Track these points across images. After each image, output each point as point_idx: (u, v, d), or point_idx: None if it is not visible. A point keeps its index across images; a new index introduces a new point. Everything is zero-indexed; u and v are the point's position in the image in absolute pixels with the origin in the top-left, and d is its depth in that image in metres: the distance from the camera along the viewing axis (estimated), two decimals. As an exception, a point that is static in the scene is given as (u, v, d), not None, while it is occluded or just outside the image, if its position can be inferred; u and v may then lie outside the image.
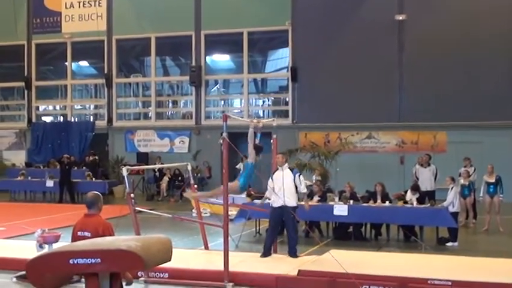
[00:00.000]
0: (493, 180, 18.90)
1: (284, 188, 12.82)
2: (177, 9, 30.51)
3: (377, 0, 27.84)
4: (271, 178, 13.22)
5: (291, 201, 12.92)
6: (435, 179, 20.59)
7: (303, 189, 13.33)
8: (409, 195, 17.25)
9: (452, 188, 16.88)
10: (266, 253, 12.86)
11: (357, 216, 16.59)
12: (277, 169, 13.26)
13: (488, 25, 26.37)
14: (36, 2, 33.07)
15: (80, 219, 7.84)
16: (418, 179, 20.36)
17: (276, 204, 12.97)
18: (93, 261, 6.40)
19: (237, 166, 27.18)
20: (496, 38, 26.23)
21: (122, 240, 6.80)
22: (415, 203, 16.74)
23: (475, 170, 20.32)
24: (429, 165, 21.01)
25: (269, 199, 13.59)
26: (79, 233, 7.61)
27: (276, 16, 29.07)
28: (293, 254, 12.91)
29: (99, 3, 31.90)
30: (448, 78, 26.31)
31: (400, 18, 27.24)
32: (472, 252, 14.30)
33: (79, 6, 32.36)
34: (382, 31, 27.57)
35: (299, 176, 13.22)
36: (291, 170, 13.36)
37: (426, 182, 19.95)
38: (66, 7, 32.61)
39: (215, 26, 30.11)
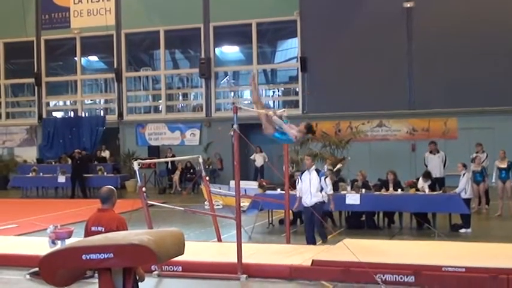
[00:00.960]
0: (505, 165, 18.86)
1: (311, 190, 13.51)
2: (185, 1, 30.51)
3: (385, -13, 27.74)
4: (300, 179, 13.87)
5: (318, 199, 13.58)
6: (444, 165, 20.58)
7: (329, 191, 13.78)
8: (420, 183, 17.21)
9: (464, 175, 16.82)
10: (310, 243, 13.42)
11: (369, 204, 16.57)
12: (304, 170, 13.94)
13: (498, 10, 26.26)
14: (45, -3, 33.14)
15: (93, 214, 7.85)
16: (426, 166, 20.33)
17: (304, 204, 13.65)
18: (106, 256, 6.39)
19: (251, 157, 27.34)
20: (506, 23, 26.10)
21: (134, 234, 6.80)
22: (427, 190, 16.69)
23: (487, 155, 20.27)
24: (438, 152, 20.99)
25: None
26: (93, 228, 7.62)
27: (284, 6, 29.01)
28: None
29: (108, -3, 31.92)
30: (457, 65, 26.21)
31: (408, 5, 27.14)
32: (485, 238, 14.25)
33: (87, 1, 32.40)
34: (391, 19, 27.48)
35: (325, 178, 13.74)
36: (318, 172, 13.84)
37: (435, 168, 19.91)
38: (74, 2, 32.65)
39: (224, 17, 30.08)
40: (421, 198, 16.40)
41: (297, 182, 14.12)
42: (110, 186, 8.18)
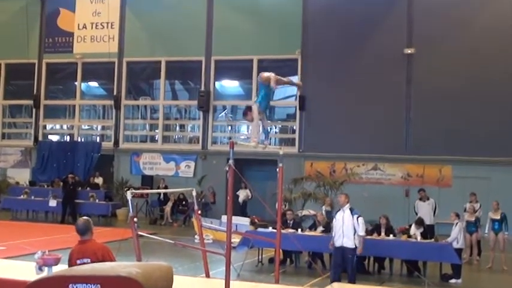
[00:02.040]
0: (498, 217, 18.78)
1: (343, 229, 13.60)
2: (189, 34, 30.66)
3: (386, 33, 27.92)
4: (334, 217, 14.06)
5: (350, 242, 13.59)
6: (434, 213, 20.60)
7: (361, 232, 13.77)
8: (413, 230, 17.13)
9: (456, 224, 16.77)
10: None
11: (360, 248, 16.46)
12: (339, 209, 14.04)
13: (497, 61, 26.46)
14: (50, 22, 33.32)
15: (75, 247, 7.87)
16: (416, 213, 20.33)
17: (336, 244, 13.76)
18: (93, 287, 6.31)
19: (237, 193, 27.29)
20: (504, 73, 26.31)
21: (123, 266, 6.72)
22: (419, 237, 16.62)
23: (480, 206, 20.22)
24: (428, 199, 21.02)
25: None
26: (78, 261, 7.63)
27: (286, 45, 29.16)
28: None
29: (112, 25, 32.09)
30: (455, 113, 26.30)
31: (409, 51, 27.32)
32: (475, 291, 14.16)
33: (91, 28, 32.58)
34: (391, 64, 27.66)
35: (357, 218, 13.73)
36: (351, 211, 13.83)
37: (425, 216, 19.84)
38: (78, 28, 32.84)
39: (225, 52, 30.24)
40: (413, 245, 16.30)
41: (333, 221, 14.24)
42: (85, 217, 8.22)
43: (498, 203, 19.10)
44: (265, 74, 11.89)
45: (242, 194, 27.13)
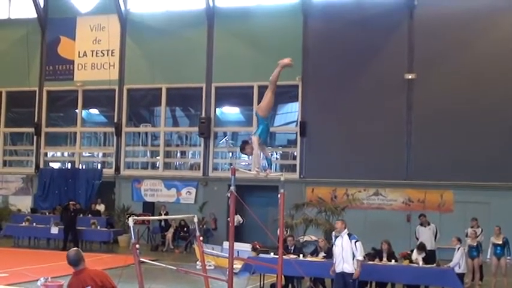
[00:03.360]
0: (500, 241, 18.77)
1: (343, 255, 13.92)
2: (189, 61, 30.78)
3: (387, 58, 28.04)
4: (334, 244, 14.39)
5: (349, 267, 13.86)
6: (435, 238, 20.60)
7: (359, 256, 14.00)
8: (415, 255, 17.14)
9: (458, 249, 16.78)
10: None
11: (362, 273, 16.38)
12: (337, 235, 14.37)
13: (498, 85, 26.57)
14: (50, 49, 33.46)
15: (72, 280, 7.87)
16: (417, 239, 20.32)
17: (337, 270, 14.06)
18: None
19: (228, 219, 27.19)
20: (505, 97, 26.43)
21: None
22: (420, 262, 16.62)
23: (482, 230, 20.23)
24: (429, 224, 21.03)
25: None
26: None
27: (287, 71, 28.90)
28: None
29: (112, 52, 32.25)
30: (456, 138, 26.36)
31: (410, 77, 27.42)
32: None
33: (92, 55, 32.73)
34: (391, 89, 27.77)
35: (355, 242, 14.01)
36: (349, 236, 14.12)
37: (426, 241, 19.85)
38: (79, 56, 32.99)
39: (226, 78, 30.36)
40: (415, 270, 16.29)
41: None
42: (75, 248, 8.29)
43: (500, 228, 19.11)
44: (261, 105, 11.83)
45: (236, 219, 27.07)
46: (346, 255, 13.79)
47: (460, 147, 26.22)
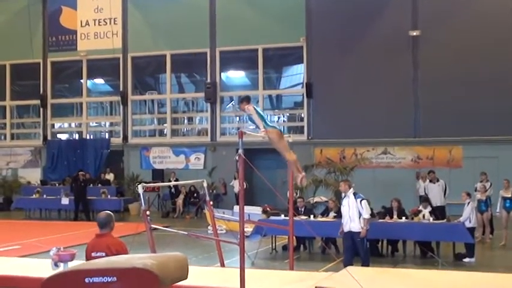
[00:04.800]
0: (509, 195, 18.81)
1: (350, 214, 13.97)
2: (192, 26, 30.62)
3: (391, 16, 27.82)
4: (342, 204, 14.49)
5: (356, 226, 13.94)
6: (445, 194, 20.58)
7: (365, 215, 14.00)
8: (422, 210, 17.18)
9: (468, 204, 16.79)
10: None
11: (373, 232, 16.45)
12: (345, 195, 14.40)
13: (506, 40, 26.28)
14: (52, 20, 33.32)
15: (91, 240, 7.97)
16: (427, 195, 20.32)
17: (345, 229, 14.15)
18: (109, 279, 6.35)
19: (231, 183, 27.45)
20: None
21: (138, 258, 6.76)
22: (427, 215, 16.69)
23: (491, 185, 20.22)
24: (438, 180, 21.01)
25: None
26: (93, 254, 7.72)
27: (291, 32, 29.09)
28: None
29: (115, 21, 32.10)
30: (463, 93, 26.20)
31: (414, 33, 27.21)
32: (489, 268, 14.17)
33: (94, 24, 32.59)
34: (397, 47, 27.58)
35: (361, 201, 14.02)
36: (355, 195, 14.14)
37: (436, 197, 19.87)
38: (81, 25, 32.86)
39: (230, 42, 30.21)
40: (425, 226, 16.35)
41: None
42: (108, 211, 8.28)
43: (509, 181, 19.13)
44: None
45: (237, 185, 27.18)
46: (353, 214, 13.91)
47: (467, 102, 26.07)
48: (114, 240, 7.86)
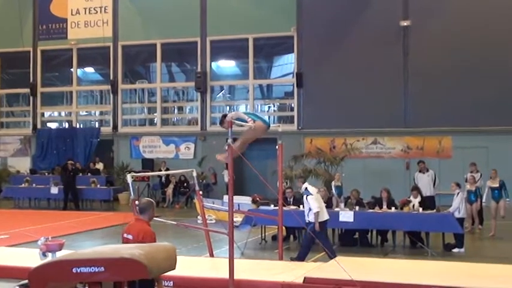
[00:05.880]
0: (496, 185, 18.87)
1: (305, 208, 14.37)
2: (183, 15, 30.54)
3: (381, 6, 27.79)
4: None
5: (310, 218, 14.19)
6: (434, 184, 20.61)
7: (314, 209, 14.01)
8: (411, 199, 17.21)
9: (457, 194, 16.82)
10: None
11: (362, 222, 16.55)
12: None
13: (496, 30, 26.30)
14: (42, 8, 33.14)
15: (130, 223, 8.40)
16: (416, 185, 20.34)
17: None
18: (97, 269, 6.35)
19: (222, 173, 27.46)
20: (503, 42, 26.21)
21: (126, 248, 6.76)
22: (416, 205, 16.72)
23: (481, 175, 20.25)
24: (427, 170, 21.03)
25: None
26: (124, 235, 8.11)
27: (281, 22, 29.04)
28: (296, 259, 14.11)
29: (105, 9, 31.95)
30: (453, 84, 26.26)
31: (405, 24, 27.21)
32: (478, 258, 14.22)
33: (85, 13, 32.43)
34: (387, 36, 27.58)
35: (306, 197, 14.19)
36: (305, 189, 14.35)
37: (425, 187, 19.86)
38: (72, 14, 32.69)
39: (220, 32, 30.13)
40: (415, 216, 16.37)
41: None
42: (150, 199, 8.69)
43: (496, 171, 19.19)
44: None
45: (227, 174, 27.19)
46: (306, 208, 14.28)
47: (457, 92, 26.12)
48: (144, 227, 8.14)
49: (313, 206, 13.99)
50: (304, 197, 14.32)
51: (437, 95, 26.45)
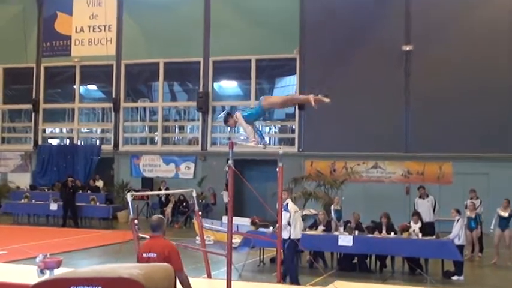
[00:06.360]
0: (506, 214, 18.66)
1: (283, 223, 13.79)
2: (186, 35, 30.66)
3: (384, 30, 27.88)
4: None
5: (284, 234, 13.85)
6: (434, 210, 20.55)
7: (283, 221, 13.87)
8: (412, 225, 17.14)
9: (458, 221, 16.76)
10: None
11: (362, 247, 16.47)
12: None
13: (496, 57, 26.41)
14: (47, 25, 33.31)
15: (145, 242, 8.24)
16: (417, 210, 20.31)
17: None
18: (95, 289, 6.31)
19: (221, 193, 27.44)
20: (503, 68, 26.28)
21: (124, 267, 6.71)
22: (417, 231, 16.65)
23: (481, 202, 20.21)
24: (427, 196, 20.96)
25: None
26: (144, 255, 7.91)
27: (284, 44, 29.13)
28: (290, 282, 13.82)
29: (109, 28, 32.10)
30: (454, 109, 26.28)
31: (407, 48, 27.27)
32: (477, 286, 14.20)
33: (89, 31, 32.59)
34: (389, 61, 27.65)
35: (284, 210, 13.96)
36: (286, 205, 14.09)
37: (425, 213, 19.79)
38: (76, 31, 32.85)
39: (223, 52, 30.21)
40: (414, 242, 16.30)
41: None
42: (160, 215, 8.57)
43: (509, 200, 18.93)
44: (271, 100, 11.62)
45: (226, 195, 27.19)
46: (285, 223, 13.90)
47: (459, 118, 26.15)
48: (167, 243, 8.08)
49: (286, 219, 13.93)
50: (284, 212, 14.07)
51: (439, 120, 26.46)
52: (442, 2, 27.20)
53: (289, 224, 13.90)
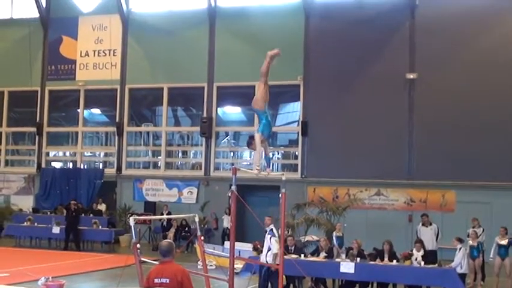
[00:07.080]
0: (505, 242, 18.67)
1: (264, 247, 14.34)
2: (191, 60, 30.80)
3: (388, 58, 27.99)
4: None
5: (269, 259, 14.20)
6: (437, 238, 20.52)
7: (274, 250, 14.13)
8: (415, 253, 17.12)
9: (460, 249, 16.75)
10: None
11: (363, 274, 16.45)
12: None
13: (500, 85, 26.48)
14: (52, 49, 33.47)
15: (155, 267, 8.28)
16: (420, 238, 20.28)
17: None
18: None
19: (222, 217, 27.50)
20: (506, 98, 26.33)
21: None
22: (419, 259, 16.62)
23: (483, 230, 20.20)
24: (430, 224, 20.94)
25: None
26: (156, 280, 7.97)
27: (288, 71, 29.14)
28: None
29: (114, 52, 32.26)
30: (458, 137, 26.32)
31: (411, 76, 27.38)
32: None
33: (94, 55, 32.76)
34: (393, 89, 27.73)
35: (270, 238, 14.27)
36: (271, 231, 14.41)
37: (428, 241, 19.77)
38: (81, 55, 33.02)
39: (228, 78, 30.32)
40: (416, 270, 16.29)
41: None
42: (169, 240, 8.86)
43: (506, 228, 19.02)
44: (256, 97, 11.91)
45: (226, 220, 27.20)
46: (265, 248, 14.26)
47: (462, 146, 26.18)
48: (179, 268, 8.11)
49: (274, 247, 13.95)
50: (268, 236, 14.28)
51: (442, 148, 26.49)
52: (446, 32, 27.28)
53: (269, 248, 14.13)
